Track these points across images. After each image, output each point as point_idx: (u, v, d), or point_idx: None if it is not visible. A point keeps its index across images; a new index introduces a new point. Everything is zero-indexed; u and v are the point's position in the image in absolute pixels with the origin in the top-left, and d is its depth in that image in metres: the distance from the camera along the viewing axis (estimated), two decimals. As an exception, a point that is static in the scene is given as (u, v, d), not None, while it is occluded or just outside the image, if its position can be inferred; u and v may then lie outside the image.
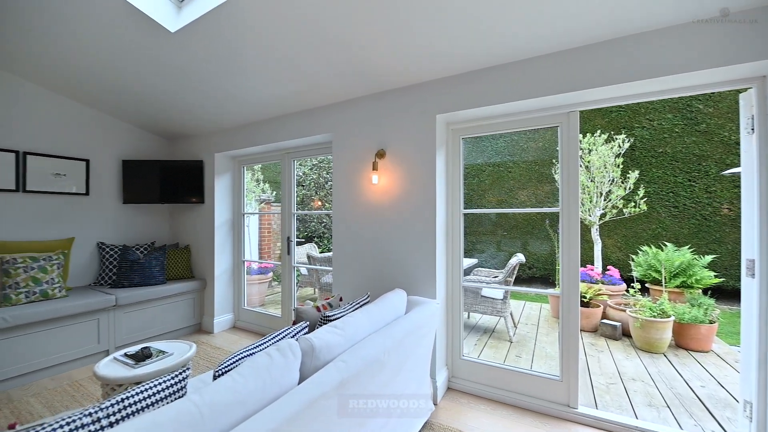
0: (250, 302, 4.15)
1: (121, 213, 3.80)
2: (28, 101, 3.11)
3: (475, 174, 6.87)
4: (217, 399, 0.98)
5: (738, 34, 1.62)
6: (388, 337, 1.60)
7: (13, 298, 2.71)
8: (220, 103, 3.14)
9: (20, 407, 2.28)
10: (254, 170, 5.57)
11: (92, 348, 2.96)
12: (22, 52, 2.65)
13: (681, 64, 1.73)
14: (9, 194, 3.03)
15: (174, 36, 2.28)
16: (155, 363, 2.06)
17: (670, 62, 1.75)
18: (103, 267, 3.51)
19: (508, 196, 6.78)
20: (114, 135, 3.72)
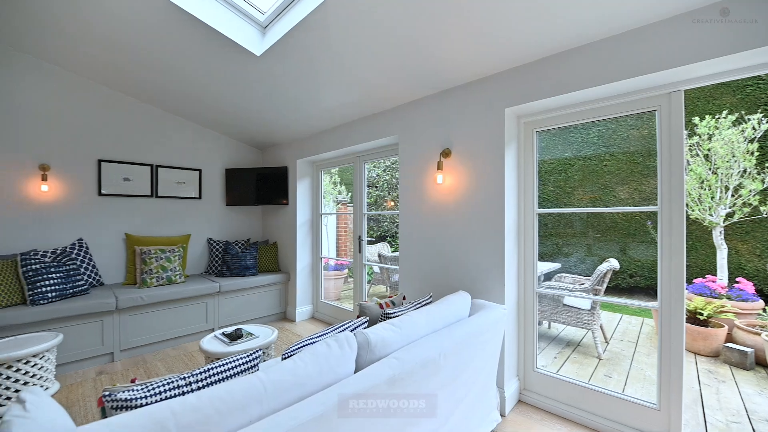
0: (327, 296, 4.47)
1: (225, 214, 4.46)
2: (159, 125, 3.88)
3: (561, 169, 6.23)
4: (279, 378, 1.10)
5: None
6: (446, 339, 1.58)
7: (148, 281, 3.40)
8: (299, 114, 3.47)
9: (150, 368, 2.87)
10: (331, 173, 5.98)
11: (201, 326, 3.55)
12: (157, 88, 3.32)
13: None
14: (146, 199, 3.82)
15: (260, 59, 2.60)
16: (244, 343, 2.38)
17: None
18: (211, 259, 4.18)
19: (604, 193, 5.98)
20: (219, 148, 4.39)
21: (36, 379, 2.35)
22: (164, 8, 2.20)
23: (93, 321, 2.91)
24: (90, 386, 2.55)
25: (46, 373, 2.42)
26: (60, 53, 2.97)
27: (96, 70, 3.19)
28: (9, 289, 2.68)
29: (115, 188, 3.61)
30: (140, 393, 1.03)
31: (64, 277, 2.94)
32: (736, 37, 1.51)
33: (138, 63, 2.93)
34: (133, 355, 3.11)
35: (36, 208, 3.17)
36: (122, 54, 2.82)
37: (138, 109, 3.72)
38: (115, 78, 3.30)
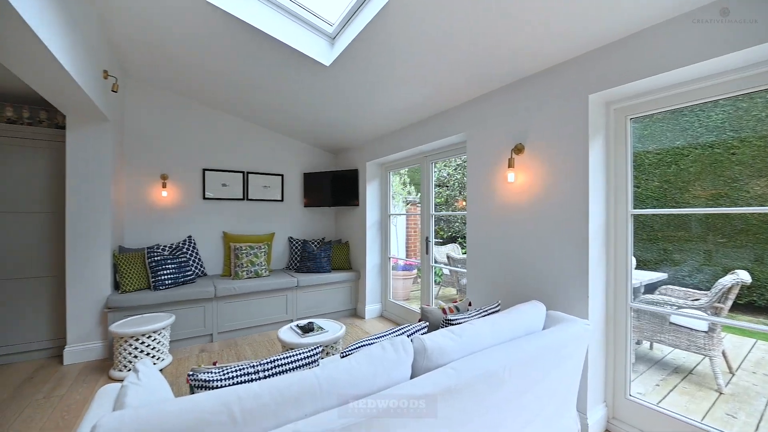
0: (395, 295, 4.52)
1: (303, 214, 4.83)
2: (248, 136, 4.38)
3: (670, 161, 5.27)
4: (334, 376, 1.14)
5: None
6: (511, 353, 1.45)
7: (240, 274, 3.87)
8: (367, 117, 3.57)
9: (239, 350, 3.26)
10: (400, 174, 6.03)
11: (282, 316, 3.90)
12: (245, 104, 3.76)
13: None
14: (239, 201, 4.34)
15: (329, 69, 2.74)
16: (314, 336, 2.53)
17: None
18: (291, 256, 4.57)
19: (731, 189, 4.88)
20: (298, 154, 4.77)
21: (155, 351, 2.85)
22: (252, 37, 2.46)
23: (197, 306, 3.42)
24: (193, 361, 3.01)
25: (162, 347, 2.92)
26: (173, 82, 3.57)
27: (200, 93, 3.74)
28: (139, 276, 3.31)
29: (215, 193, 4.19)
30: (216, 376, 1.16)
31: (177, 268, 3.52)
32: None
33: (230, 84, 3.35)
34: (227, 338, 3.57)
35: (158, 210, 3.86)
36: (219, 78, 3.26)
37: (231, 123, 4.26)
38: (213, 99, 3.84)
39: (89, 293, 3.03)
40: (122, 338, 2.72)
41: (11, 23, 1.58)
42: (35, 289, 3.03)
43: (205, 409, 0.92)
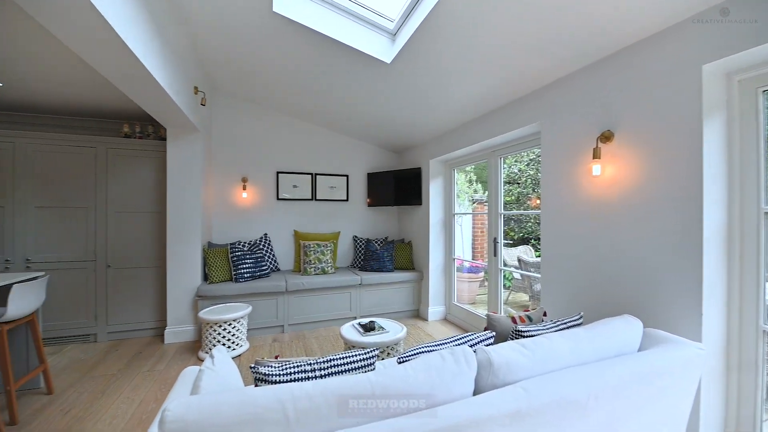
0: (460, 298, 4.32)
1: (366, 214, 4.90)
2: (316, 139, 4.59)
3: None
4: (388, 383, 1.07)
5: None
6: (598, 377, 1.23)
7: (308, 270, 4.07)
8: (430, 113, 3.45)
9: (307, 343, 3.41)
10: (466, 171, 5.76)
11: (346, 313, 4.00)
12: (312, 108, 3.95)
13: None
14: (308, 202, 4.58)
15: (390, 66, 2.70)
16: (375, 336, 2.52)
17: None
18: (356, 254, 4.67)
19: None
20: (362, 154, 4.86)
21: (235, 338, 3.13)
22: (318, 43, 2.55)
23: (271, 298, 3.69)
24: (267, 349, 3.23)
25: (240, 335, 3.20)
26: (251, 93, 3.90)
27: (274, 102, 4.03)
28: (223, 269, 3.68)
29: (287, 193, 4.47)
30: (275, 371, 1.19)
31: (254, 263, 3.83)
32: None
33: (300, 91, 3.54)
34: (296, 330, 3.78)
35: (239, 209, 4.26)
36: (290, 86, 3.46)
37: (301, 128, 4.51)
38: (285, 106, 4.09)
39: (184, 282, 3.46)
40: (208, 324, 3.05)
41: (127, 59, 1.92)
42: (144, 277, 3.57)
43: (261, 404, 0.93)
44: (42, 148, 3.29)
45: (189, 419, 0.87)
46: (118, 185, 3.49)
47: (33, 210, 3.28)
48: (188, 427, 0.86)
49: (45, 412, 2.21)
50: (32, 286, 2.27)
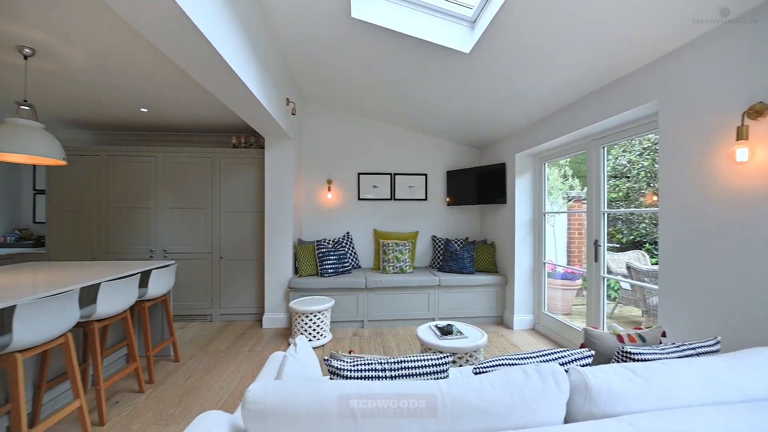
0: (551, 307, 3.87)
1: (446, 213, 4.76)
2: (395, 139, 4.64)
3: None
4: (460, 396, 0.99)
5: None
6: (745, 424, 0.93)
7: (387, 269, 4.13)
8: (516, 102, 3.17)
9: (384, 340, 3.46)
10: (560, 165, 5.14)
11: (424, 313, 3.94)
12: (390, 109, 4.00)
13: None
14: (387, 201, 4.65)
15: (469, 56, 2.55)
16: (452, 340, 2.40)
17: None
18: (435, 254, 4.57)
19: None
20: (441, 152, 4.74)
21: (319, 328, 3.34)
22: (395, 42, 2.56)
23: (352, 294, 3.85)
24: (347, 342, 3.38)
25: (324, 326, 3.40)
26: (335, 99, 4.13)
27: (355, 106, 4.20)
28: (310, 264, 3.98)
29: (367, 194, 4.62)
30: (346, 366, 1.20)
31: (337, 259, 4.05)
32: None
33: (379, 93, 3.61)
34: (375, 326, 3.87)
35: (325, 209, 4.56)
36: (370, 90, 3.56)
37: (381, 129, 4.60)
38: (365, 109, 4.23)
39: (278, 275, 3.85)
40: (297, 314, 3.32)
41: (234, 81, 2.23)
42: (247, 268, 4.08)
43: (329, 398, 0.94)
44: (174, 160, 4.03)
45: (267, 403, 0.93)
46: (227, 189, 4.07)
47: (168, 210, 4.03)
48: (266, 410, 0.92)
49: (173, 376, 2.69)
50: (165, 271, 2.78)
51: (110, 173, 4.01)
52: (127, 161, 4.02)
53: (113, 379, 2.23)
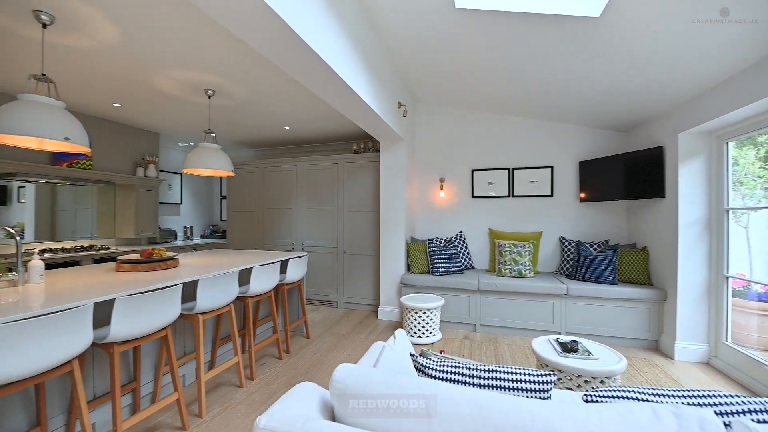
0: (738, 338, 2.84)
1: (578, 211, 4.08)
2: (513, 131, 4.25)
3: None
4: (555, 424, 0.84)
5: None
6: None
7: (502, 271, 3.82)
8: (672, 67, 2.46)
9: (497, 347, 3.20)
10: (755, 144, 3.69)
11: (547, 325, 3.47)
12: (505, 98, 3.68)
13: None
14: (504, 199, 4.31)
15: (600, 20, 2.12)
16: (575, 359, 2.04)
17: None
18: (563, 259, 3.98)
19: None
20: (571, 140, 4.09)
21: (428, 326, 3.36)
22: (508, 23, 2.36)
23: (463, 295, 3.72)
24: (456, 344, 3.28)
25: (434, 324, 3.40)
26: (446, 97, 4.08)
27: (467, 100, 4.05)
28: (422, 262, 4.04)
29: (482, 191, 4.39)
30: (432, 365, 1.17)
31: (449, 259, 3.99)
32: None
33: (493, 83, 3.38)
34: (488, 332, 3.63)
35: (437, 208, 4.55)
36: (482, 81, 3.38)
37: (496, 121, 4.29)
38: (479, 102, 4.02)
39: (391, 270, 4.06)
40: (407, 309, 3.43)
41: (355, 99, 2.56)
42: (366, 262, 4.44)
43: (406, 393, 0.94)
44: (308, 168, 4.73)
45: (347, 384, 0.99)
46: (349, 190, 4.52)
47: (305, 210, 4.76)
48: (347, 390, 0.98)
49: (303, 350, 3.16)
50: (299, 261, 3.29)
51: (265, 181, 5.00)
52: (276, 171, 4.94)
53: (261, 345, 2.78)
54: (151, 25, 2.22)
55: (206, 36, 2.37)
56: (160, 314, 1.86)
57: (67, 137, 1.92)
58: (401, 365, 1.44)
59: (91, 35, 2.28)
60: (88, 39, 2.32)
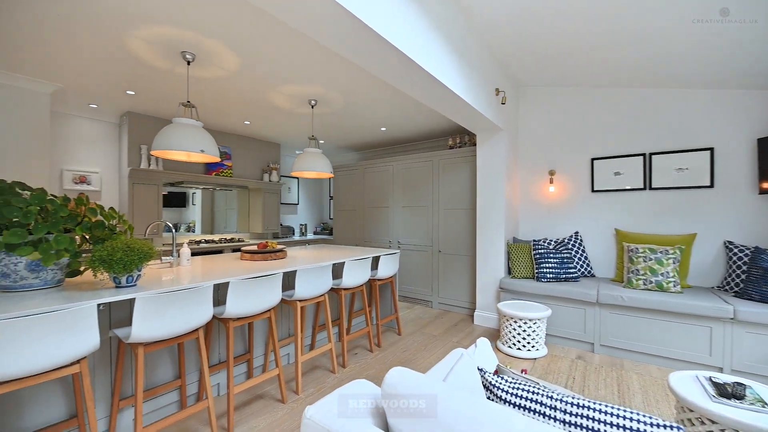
0: None
1: (755, 206, 2.99)
2: (650, 107, 3.39)
3: None
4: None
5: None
6: None
7: (634, 282, 3.09)
8: None
9: (623, 377, 2.59)
10: None
11: (702, 357, 2.64)
12: (640, 65, 2.96)
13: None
14: (637, 192, 3.48)
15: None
16: (740, 409, 1.47)
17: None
18: (729, 270, 2.98)
19: None
20: (741, 111, 3.02)
21: (530, 338, 2.97)
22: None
23: (577, 307, 3.16)
24: (566, 364, 2.79)
25: (537, 337, 2.98)
26: (556, 76, 3.54)
27: (583, 77, 3.42)
28: (525, 265, 3.60)
29: (605, 184, 3.65)
30: (503, 386, 0.99)
31: (559, 263, 3.45)
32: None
33: (617, 48, 2.77)
34: (611, 354, 2.98)
35: (546, 205, 4.00)
36: (594, 48, 2.80)
37: (624, 98, 3.50)
38: (593, 76, 3.35)
39: (489, 273, 3.74)
40: (504, 316, 3.10)
41: (442, 90, 2.46)
42: (461, 263, 4.22)
43: (449, 413, 0.81)
44: (403, 166, 4.77)
45: (397, 389, 0.92)
46: (445, 188, 4.38)
47: (400, 209, 4.82)
48: (396, 395, 0.91)
49: (394, 346, 3.19)
50: (391, 257, 3.34)
51: (365, 181, 5.28)
52: (374, 171, 5.15)
53: (353, 335, 2.93)
54: (263, 51, 2.57)
55: (306, 53, 2.62)
56: (264, 297, 2.13)
57: (203, 149, 2.39)
58: (474, 378, 1.29)
59: (220, 66, 2.78)
60: (218, 69, 2.84)
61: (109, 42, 2.39)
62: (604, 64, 3.12)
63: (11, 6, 2.02)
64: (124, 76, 2.95)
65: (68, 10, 2.05)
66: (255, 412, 2.13)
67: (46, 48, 2.48)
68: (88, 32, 2.27)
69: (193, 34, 2.31)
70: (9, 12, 2.06)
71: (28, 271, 1.60)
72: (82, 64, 2.72)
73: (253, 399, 2.26)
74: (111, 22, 2.16)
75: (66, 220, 1.69)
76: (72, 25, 2.20)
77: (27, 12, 2.07)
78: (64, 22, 2.17)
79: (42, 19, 2.15)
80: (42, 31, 2.28)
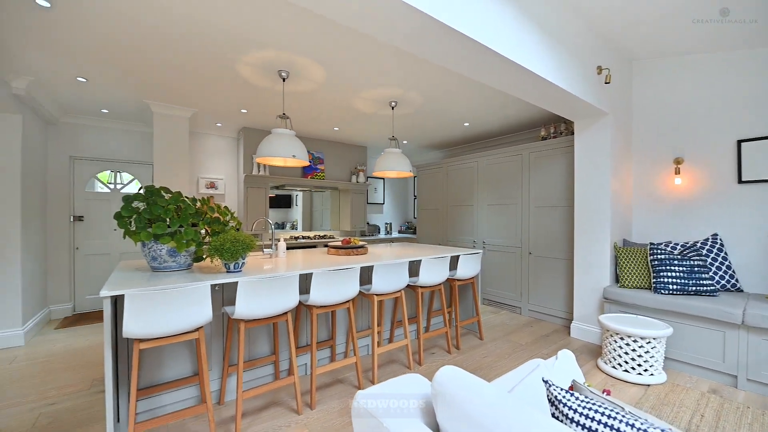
0: None
1: None
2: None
3: None
4: None
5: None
6: None
7: (806, 302, 2.31)
8: None
9: None
10: None
11: None
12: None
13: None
14: (814, 181, 2.59)
15: None
16: None
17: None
18: None
19: None
20: None
21: (642, 360, 2.49)
22: None
23: (712, 328, 2.52)
24: (693, 398, 2.25)
25: (653, 360, 2.49)
26: (680, 40, 2.88)
27: (728, 34, 2.71)
28: (639, 273, 3.03)
29: (759, 173, 2.83)
30: (571, 403, 0.87)
31: (687, 272, 2.80)
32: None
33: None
34: (764, 393, 2.28)
35: (669, 201, 3.29)
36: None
37: (796, 55, 2.64)
38: (738, 33, 2.60)
39: (590, 280, 3.27)
40: (607, 331, 2.67)
41: (530, 77, 2.32)
42: (557, 267, 3.78)
43: (499, 422, 0.75)
44: (489, 162, 4.51)
45: (446, 387, 0.90)
46: (536, 183, 3.98)
47: (486, 207, 4.57)
48: (444, 393, 0.89)
49: (473, 350, 3.05)
50: (472, 257, 3.21)
51: (449, 180, 5.17)
52: (458, 169, 5.01)
53: (430, 334, 2.90)
54: (345, 61, 2.76)
55: (382, 58, 2.71)
56: (343, 288, 2.29)
57: (294, 155, 2.69)
58: (540, 392, 1.16)
59: (310, 79, 3.08)
60: (309, 82, 3.15)
61: (225, 70, 2.89)
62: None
63: (162, 51, 2.61)
64: (237, 97, 3.52)
65: (197, 48, 2.55)
66: (334, 394, 2.30)
67: (185, 83, 3.14)
68: (209, 64, 2.79)
69: (287, 54, 2.62)
70: (164, 62, 2.68)
71: (168, 255, 2.05)
72: (209, 91, 3.35)
73: (333, 382, 2.45)
74: (224, 53, 2.61)
75: (193, 217, 2.11)
76: (197, 58, 2.73)
77: (174, 59, 2.66)
78: (194, 59, 2.71)
79: (183, 63, 2.73)
80: (183, 73, 2.90)
